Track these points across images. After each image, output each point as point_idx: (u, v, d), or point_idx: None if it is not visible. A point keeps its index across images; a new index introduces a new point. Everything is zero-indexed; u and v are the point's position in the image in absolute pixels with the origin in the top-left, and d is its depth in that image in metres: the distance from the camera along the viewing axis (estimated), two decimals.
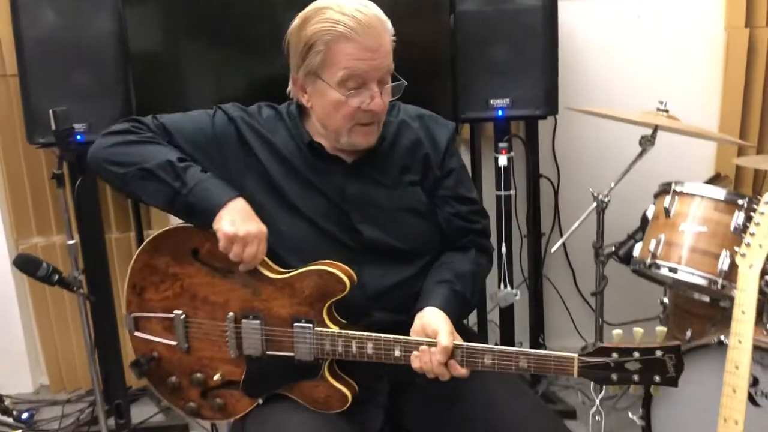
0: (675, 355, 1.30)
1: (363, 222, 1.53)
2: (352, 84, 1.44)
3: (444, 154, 1.60)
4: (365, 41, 1.41)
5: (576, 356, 1.33)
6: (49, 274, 1.91)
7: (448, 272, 1.55)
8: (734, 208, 1.92)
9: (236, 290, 1.50)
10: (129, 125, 1.55)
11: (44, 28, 2.34)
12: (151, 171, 1.45)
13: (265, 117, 1.59)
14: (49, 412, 2.87)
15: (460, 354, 1.37)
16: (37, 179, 2.83)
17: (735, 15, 2.71)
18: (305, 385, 1.48)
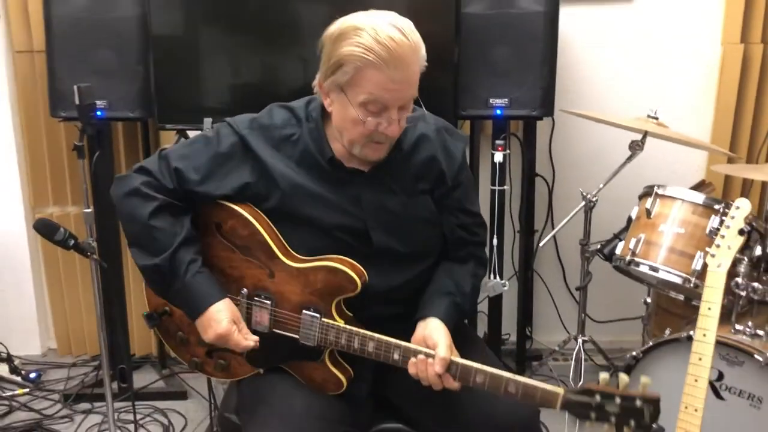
0: (653, 405, 1.37)
1: (376, 229, 1.59)
2: (373, 108, 1.46)
3: (458, 168, 1.65)
4: (393, 74, 1.42)
5: (562, 392, 1.40)
6: (66, 238, 2.03)
7: (452, 284, 1.64)
8: (711, 213, 2.03)
9: (252, 269, 1.58)
10: (142, 187, 1.56)
11: (72, 8, 2.47)
12: (144, 269, 1.57)
13: (279, 122, 1.59)
14: (55, 374, 3.01)
15: (454, 368, 1.45)
16: (55, 152, 2.97)
17: (731, 31, 2.81)
18: (305, 365, 1.58)
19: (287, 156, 1.58)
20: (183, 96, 2.49)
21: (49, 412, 2.72)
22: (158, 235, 1.54)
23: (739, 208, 1.73)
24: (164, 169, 1.57)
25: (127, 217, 1.58)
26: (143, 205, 1.55)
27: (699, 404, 1.67)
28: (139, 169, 1.60)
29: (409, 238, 1.62)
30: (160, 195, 1.56)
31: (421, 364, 1.46)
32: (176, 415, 2.70)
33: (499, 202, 2.58)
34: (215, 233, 1.61)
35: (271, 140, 1.58)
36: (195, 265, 1.55)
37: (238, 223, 1.58)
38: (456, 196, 1.67)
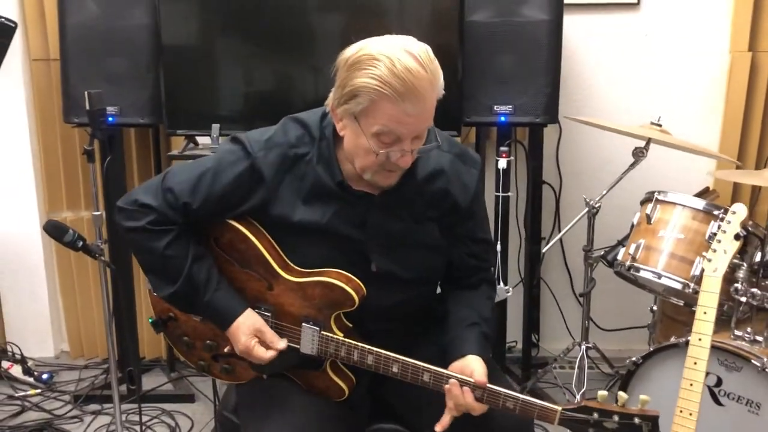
0: (652, 423, 1.37)
1: (375, 252, 1.57)
2: (386, 139, 1.41)
3: (471, 198, 1.60)
4: (408, 107, 1.37)
5: (560, 409, 1.41)
6: (75, 240, 2.08)
7: (475, 314, 1.61)
8: (711, 218, 2.04)
9: (252, 281, 1.59)
10: (149, 226, 1.54)
11: (85, 17, 2.54)
12: (165, 298, 1.60)
13: (293, 140, 1.54)
14: (67, 375, 3.06)
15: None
16: (70, 157, 3.03)
17: (739, 39, 2.81)
18: (307, 373, 1.59)
19: (298, 177, 1.54)
20: (192, 103, 2.54)
21: (60, 412, 2.77)
22: (172, 263, 1.54)
23: (735, 213, 1.74)
24: (170, 204, 1.54)
25: (138, 250, 1.58)
26: (155, 240, 1.54)
27: (694, 408, 1.68)
28: (142, 205, 1.54)
29: (411, 263, 1.60)
30: (170, 227, 1.54)
31: (456, 389, 1.45)
32: (183, 417, 2.73)
33: (503, 209, 2.60)
34: (213, 246, 1.62)
35: (284, 159, 1.53)
36: (211, 284, 1.56)
37: (235, 238, 1.58)
38: (469, 226, 1.64)
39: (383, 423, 1.68)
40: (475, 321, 1.60)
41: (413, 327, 1.66)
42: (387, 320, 1.60)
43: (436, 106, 1.51)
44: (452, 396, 1.45)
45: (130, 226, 1.55)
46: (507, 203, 2.60)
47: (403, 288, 1.61)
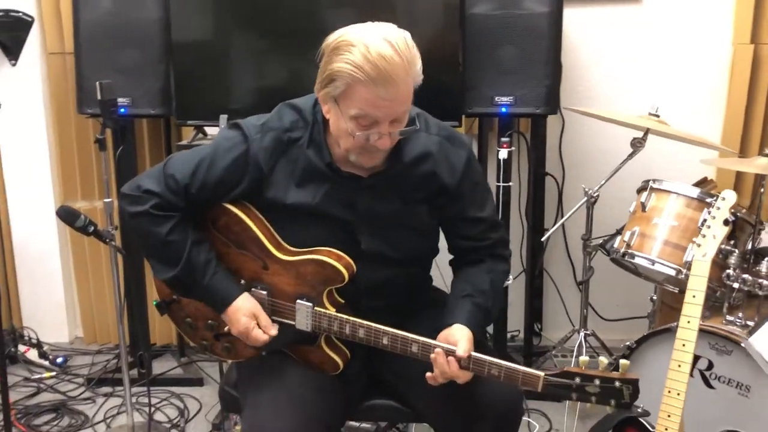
0: (632, 386, 1.43)
1: (364, 233, 1.62)
2: (363, 122, 1.46)
3: (459, 178, 1.64)
4: (382, 91, 1.42)
5: (543, 375, 1.46)
6: (86, 225, 2.16)
7: (468, 287, 1.66)
8: (704, 206, 2.08)
9: (248, 261, 1.66)
10: (152, 210, 1.59)
11: (98, 11, 2.62)
12: (165, 282, 1.68)
13: (287, 124, 1.60)
14: (81, 360, 3.16)
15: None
16: (84, 148, 3.12)
17: (742, 31, 2.83)
18: (303, 348, 1.66)
19: (291, 161, 1.60)
20: (201, 95, 2.62)
21: (73, 394, 2.86)
22: (173, 248, 1.61)
23: (724, 199, 1.77)
24: (172, 189, 1.60)
25: (141, 233, 1.64)
26: (159, 224, 1.60)
27: (682, 388, 1.72)
28: (146, 191, 1.61)
29: (399, 244, 1.66)
30: (172, 213, 1.61)
31: (440, 357, 1.50)
32: (192, 400, 2.81)
33: (504, 199, 2.65)
34: (210, 229, 1.69)
35: (279, 143, 1.60)
36: (210, 267, 1.62)
37: (230, 220, 1.65)
38: (459, 207, 1.68)
39: (377, 399, 1.74)
40: (468, 293, 1.64)
41: (407, 306, 1.71)
42: (380, 297, 1.66)
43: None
44: (438, 365, 1.50)
45: (133, 211, 1.62)
46: (508, 193, 2.65)
47: (392, 267, 1.67)
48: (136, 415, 2.59)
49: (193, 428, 2.64)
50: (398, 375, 1.72)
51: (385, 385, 1.75)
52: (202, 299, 1.68)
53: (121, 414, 2.70)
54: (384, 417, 1.85)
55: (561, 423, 2.58)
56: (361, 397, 1.74)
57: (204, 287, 1.63)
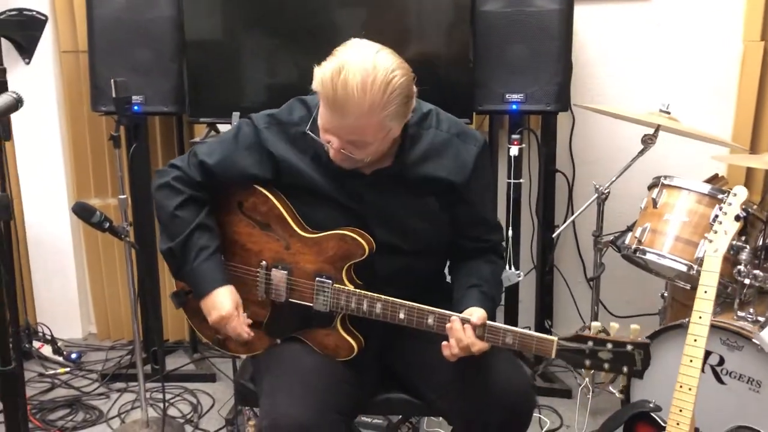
0: (644, 351, 1.45)
1: (377, 226, 1.67)
2: (325, 135, 1.54)
3: (469, 175, 1.67)
4: (332, 116, 1.48)
5: (556, 339, 1.50)
6: (101, 221, 2.19)
7: (474, 277, 1.70)
8: (715, 202, 2.08)
9: (271, 242, 1.72)
10: (172, 181, 1.71)
11: (112, 9, 2.65)
12: (161, 252, 1.75)
13: (296, 119, 1.68)
14: (95, 356, 3.19)
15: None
16: (97, 146, 3.15)
17: (752, 28, 2.82)
18: (318, 332, 1.69)
19: (301, 151, 1.68)
20: (213, 93, 2.64)
21: (87, 389, 2.89)
22: (178, 222, 1.70)
23: (736, 195, 1.78)
24: (192, 164, 1.73)
25: (157, 205, 1.76)
26: (172, 197, 1.71)
27: (693, 383, 1.72)
28: (171, 165, 1.76)
29: (410, 235, 1.70)
30: (188, 189, 1.71)
31: (457, 324, 1.53)
32: (204, 396, 2.84)
33: (515, 195, 2.66)
34: (237, 211, 1.76)
35: (287, 136, 1.68)
36: (205, 252, 1.69)
37: (257, 201, 1.72)
38: (468, 205, 1.71)
39: (390, 393, 1.76)
40: (474, 283, 1.69)
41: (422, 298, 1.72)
42: (396, 288, 1.68)
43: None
44: (454, 333, 1.53)
45: (158, 183, 1.76)
46: (519, 190, 2.66)
47: (406, 257, 1.70)
48: (150, 411, 2.62)
49: (207, 423, 2.67)
50: (411, 368, 1.75)
51: (398, 379, 1.78)
52: (188, 279, 1.73)
53: (135, 409, 2.73)
54: (397, 410, 1.87)
55: (572, 419, 2.59)
56: (374, 391, 1.76)
57: (192, 269, 1.69)
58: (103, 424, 2.66)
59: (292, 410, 1.51)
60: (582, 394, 2.54)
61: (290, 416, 1.50)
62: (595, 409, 2.54)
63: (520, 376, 1.68)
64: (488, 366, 1.62)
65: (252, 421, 2.46)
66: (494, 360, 1.63)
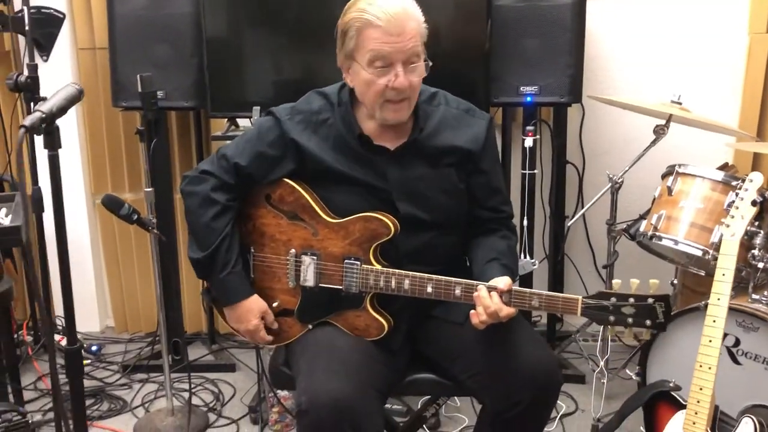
0: (665, 302, 1.54)
1: (401, 200, 1.75)
2: (378, 64, 1.64)
3: (482, 146, 1.79)
4: (389, 27, 1.60)
5: (580, 298, 1.58)
6: (130, 213, 2.24)
7: (491, 252, 1.78)
8: (729, 189, 2.15)
9: (299, 230, 1.78)
10: (211, 193, 1.77)
11: (133, 7, 2.70)
12: (191, 260, 1.82)
13: (316, 108, 1.78)
14: (114, 348, 3.24)
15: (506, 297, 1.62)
16: (114, 142, 3.19)
17: (758, 21, 2.89)
18: (349, 314, 1.75)
19: (323, 138, 1.77)
20: (234, 88, 2.68)
21: (109, 381, 2.94)
22: (209, 235, 1.77)
23: (752, 181, 1.85)
24: (224, 168, 1.78)
25: (191, 211, 1.81)
26: (207, 206, 1.77)
27: (713, 362, 1.78)
28: (204, 171, 1.80)
29: (433, 207, 1.78)
30: (223, 197, 1.77)
31: (484, 292, 1.60)
32: (225, 385, 2.89)
33: (529, 186, 2.72)
34: (265, 204, 1.82)
35: (309, 125, 1.77)
36: (228, 266, 1.77)
37: (285, 191, 1.79)
38: (484, 176, 1.82)
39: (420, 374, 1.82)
40: (494, 257, 1.77)
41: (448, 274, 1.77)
42: (420, 263, 1.74)
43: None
44: (481, 300, 1.60)
45: (192, 190, 1.79)
46: (533, 181, 2.72)
47: (428, 230, 1.78)
48: (174, 400, 2.67)
49: (229, 411, 2.72)
50: (440, 351, 1.81)
51: (427, 361, 1.83)
52: (215, 289, 1.83)
53: (158, 399, 2.78)
54: (428, 391, 1.92)
55: (587, 404, 2.65)
56: (404, 373, 1.82)
57: (219, 280, 1.78)
58: (128, 413, 2.71)
59: (330, 386, 1.57)
60: (596, 379, 2.60)
61: (329, 392, 1.55)
62: (609, 394, 2.60)
63: (547, 355, 1.74)
64: (517, 347, 1.68)
65: (276, 408, 2.52)
66: (522, 341, 1.70)
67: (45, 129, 1.45)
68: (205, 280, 1.84)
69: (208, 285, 1.89)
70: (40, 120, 1.44)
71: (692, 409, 1.79)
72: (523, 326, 1.78)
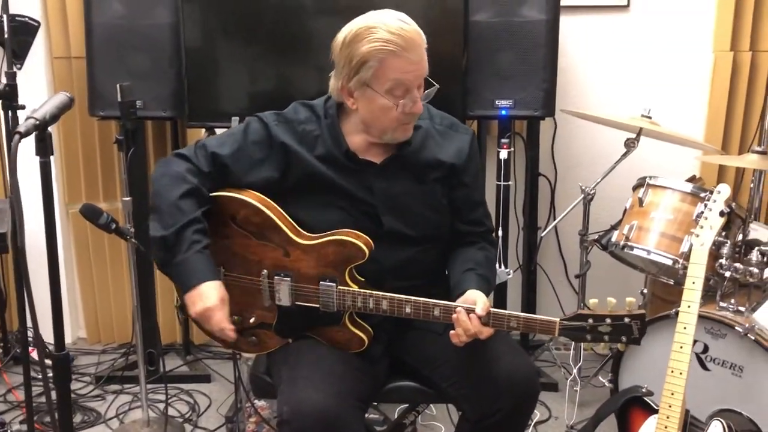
0: (640, 321, 1.59)
1: (386, 214, 1.76)
2: (398, 92, 1.66)
3: (466, 161, 1.82)
4: (410, 56, 1.64)
5: (558, 320, 1.60)
6: (109, 222, 2.23)
7: (468, 262, 1.80)
8: (698, 200, 2.22)
9: (269, 251, 1.75)
10: (185, 173, 1.72)
11: (110, 16, 2.68)
12: (153, 239, 1.71)
13: (302, 118, 1.78)
14: (85, 360, 3.20)
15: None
16: (89, 151, 3.17)
17: (721, 39, 3.00)
18: (328, 330, 1.75)
19: (309, 149, 1.77)
20: (212, 99, 2.69)
21: (82, 392, 2.90)
22: (177, 212, 1.68)
23: (720, 192, 1.92)
24: (201, 155, 1.76)
25: (158, 191, 1.73)
26: (177, 185, 1.70)
27: (684, 368, 1.84)
28: (179, 155, 1.77)
29: (417, 223, 1.80)
30: (195, 180, 1.72)
31: (463, 315, 1.62)
32: (201, 396, 2.88)
33: (504, 197, 2.78)
34: (231, 224, 1.78)
35: (296, 134, 1.77)
36: (197, 245, 1.67)
37: (249, 212, 1.75)
38: (466, 190, 1.86)
39: (400, 381, 1.84)
40: (470, 267, 1.79)
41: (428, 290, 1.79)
42: (403, 278, 1.77)
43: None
44: (460, 323, 1.62)
45: (163, 170, 1.76)
46: (507, 192, 2.78)
47: (412, 246, 1.80)
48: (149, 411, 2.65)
49: (206, 422, 2.71)
50: (420, 359, 1.83)
51: (408, 369, 1.85)
52: (176, 270, 1.69)
53: (133, 410, 2.76)
54: (408, 398, 1.94)
55: (560, 411, 2.70)
56: (384, 381, 1.84)
57: (183, 259, 1.66)
58: (102, 425, 2.69)
59: (313, 396, 1.58)
60: (569, 387, 2.65)
61: (311, 402, 1.56)
62: (582, 401, 2.66)
63: (526, 364, 1.77)
64: (496, 355, 1.72)
65: (253, 418, 2.52)
66: (501, 349, 1.74)
67: (38, 136, 1.45)
68: (166, 264, 1.69)
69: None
70: (33, 127, 1.45)
71: (664, 414, 1.85)
72: (502, 335, 1.79)
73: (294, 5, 2.62)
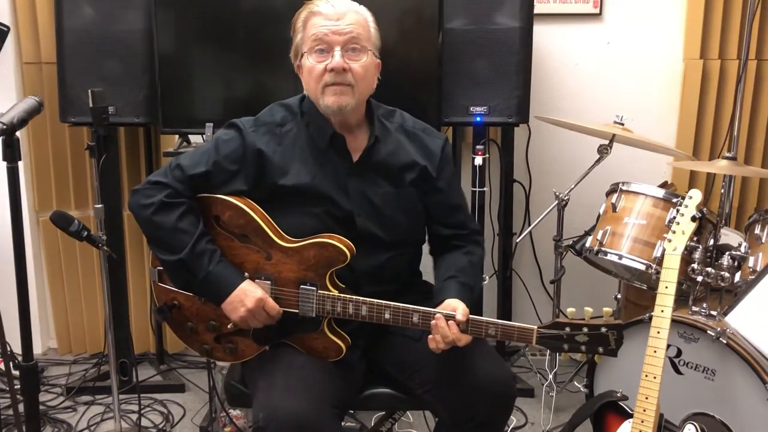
0: (617, 331, 1.59)
1: (361, 216, 1.77)
2: (318, 47, 1.69)
3: (439, 164, 1.83)
4: (329, 12, 1.69)
5: (536, 328, 1.61)
6: (80, 230, 2.19)
7: (451, 269, 1.81)
8: (670, 206, 2.25)
9: (251, 254, 1.75)
10: (165, 199, 1.71)
11: (82, 21, 2.65)
12: (170, 265, 1.73)
13: (279, 119, 1.79)
14: (57, 370, 3.14)
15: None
16: (60, 158, 3.12)
17: (691, 48, 3.06)
18: (306, 337, 1.74)
19: (288, 149, 1.76)
20: (186, 105, 2.67)
21: (53, 404, 2.85)
22: (181, 235, 1.70)
23: (692, 198, 1.94)
24: (178, 178, 1.73)
25: (152, 225, 1.72)
26: (169, 212, 1.70)
27: (657, 372, 1.86)
28: (155, 183, 1.74)
29: (391, 227, 1.80)
30: (181, 201, 1.72)
31: (442, 322, 1.62)
32: (175, 406, 2.84)
33: (479, 203, 2.78)
34: (214, 225, 1.77)
35: (274, 136, 1.77)
36: (216, 255, 1.71)
37: (234, 214, 1.75)
38: (442, 194, 1.86)
39: (377, 388, 1.84)
40: (452, 274, 1.80)
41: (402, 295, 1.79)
42: (377, 283, 1.77)
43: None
44: (439, 329, 1.62)
45: (145, 203, 1.72)
46: (482, 198, 2.79)
47: (386, 250, 1.80)
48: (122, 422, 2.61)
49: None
50: (397, 365, 1.83)
51: (384, 376, 1.85)
52: (205, 287, 1.71)
53: (104, 421, 2.72)
54: (385, 405, 1.94)
55: (536, 417, 2.71)
56: (361, 388, 1.83)
57: (210, 272, 1.69)
58: None
59: (289, 403, 1.57)
60: (545, 393, 2.66)
61: (287, 408, 1.55)
62: (558, 407, 2.67)
63: (502, 369, 1.78)
64: (473, 361, 1.72)
65: (228, 427, 2.49)
66: (478, 355, 1.74)
67: (5, 141, 1.42)
68: (191, 283, 1.73)
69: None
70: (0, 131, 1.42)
71: (639, 418, 1.86)
72: (479, 341, 1.80)
73: (268, 11, 2.62)
